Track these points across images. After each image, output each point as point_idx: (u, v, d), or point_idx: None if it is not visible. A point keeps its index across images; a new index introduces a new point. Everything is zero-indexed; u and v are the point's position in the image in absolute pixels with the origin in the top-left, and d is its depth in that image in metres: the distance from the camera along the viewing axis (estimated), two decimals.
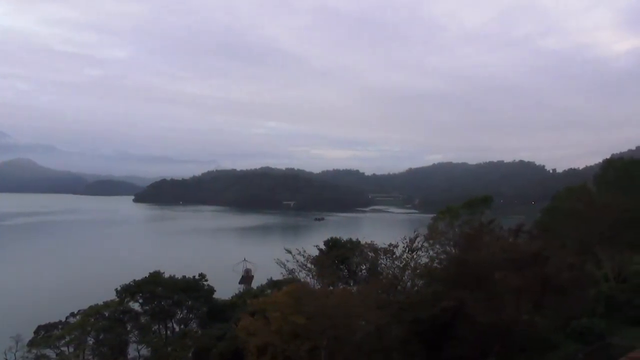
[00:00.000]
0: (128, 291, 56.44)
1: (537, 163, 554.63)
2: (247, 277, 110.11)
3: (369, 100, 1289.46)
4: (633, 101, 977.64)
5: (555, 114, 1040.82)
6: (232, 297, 64.15)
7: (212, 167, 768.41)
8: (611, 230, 53.49)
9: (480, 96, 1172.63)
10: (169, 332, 57.73)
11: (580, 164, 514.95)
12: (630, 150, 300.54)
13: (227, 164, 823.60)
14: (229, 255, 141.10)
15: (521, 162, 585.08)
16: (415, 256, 47.09)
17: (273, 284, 57.46)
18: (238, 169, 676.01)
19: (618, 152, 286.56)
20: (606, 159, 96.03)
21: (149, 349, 51.35)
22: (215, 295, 62.08)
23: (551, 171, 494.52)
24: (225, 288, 71.58)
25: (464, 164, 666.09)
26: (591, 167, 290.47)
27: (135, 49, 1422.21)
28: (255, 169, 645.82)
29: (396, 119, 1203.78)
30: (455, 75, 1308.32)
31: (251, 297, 52.75)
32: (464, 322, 37.60)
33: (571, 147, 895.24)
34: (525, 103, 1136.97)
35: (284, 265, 47.00)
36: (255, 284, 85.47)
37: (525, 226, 60.69)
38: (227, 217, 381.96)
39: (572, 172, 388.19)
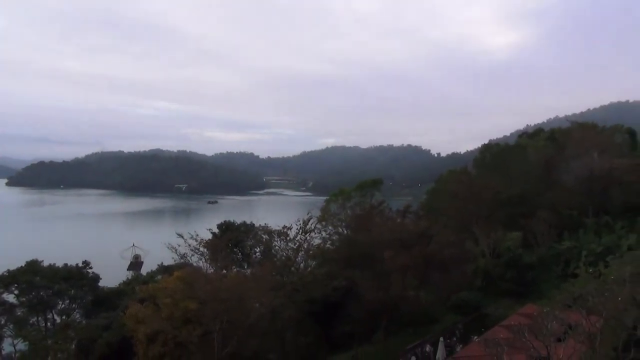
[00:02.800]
0: (1, 282, 52.11)
1: (424, 147, 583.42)
2: (136, 263, 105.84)
3: (263, 83, 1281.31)
4: (509, 92, 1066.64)
5: (441, 102, 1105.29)
6: (119, 285, 61.74)
7: (96, 149, 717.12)
8: (487, 209, 58.16)
9: (372, 82, 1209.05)
10: (49, 324, 54.17)
11: (462, 148, 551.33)
12: (505, 137, 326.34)
13: (114, 146, 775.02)
14: (117, 240, 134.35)
15: (409, 146, 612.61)
16: (308, 238, 48.07)
17: (164, 270, 56.01)
18: (126, 150, 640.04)
19: (495, 138, 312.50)
20: (484, 144, 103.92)
21: (26, 343, 47.83)
22: (101, 283, 59.25)
23: (436, 155, 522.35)
24: (113, 275, 68.34)
25: (356, 148, 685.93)
26: (471, 151, 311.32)
27: (6, 19, 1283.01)
28: (145, 151, 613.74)
29: (290, 103, 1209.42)
30: (348, 61, 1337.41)
31: (140, 283, 50.96)
32: (355, 300, 39.18)
33: (454, 133, 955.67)
34: (414, 90, 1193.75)
35: (176, 250, 45.82)
36: (145, 270, 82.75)
37: (412, 207, 64.35)
38: (113, 201, 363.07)
39: (454, 156, 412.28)
